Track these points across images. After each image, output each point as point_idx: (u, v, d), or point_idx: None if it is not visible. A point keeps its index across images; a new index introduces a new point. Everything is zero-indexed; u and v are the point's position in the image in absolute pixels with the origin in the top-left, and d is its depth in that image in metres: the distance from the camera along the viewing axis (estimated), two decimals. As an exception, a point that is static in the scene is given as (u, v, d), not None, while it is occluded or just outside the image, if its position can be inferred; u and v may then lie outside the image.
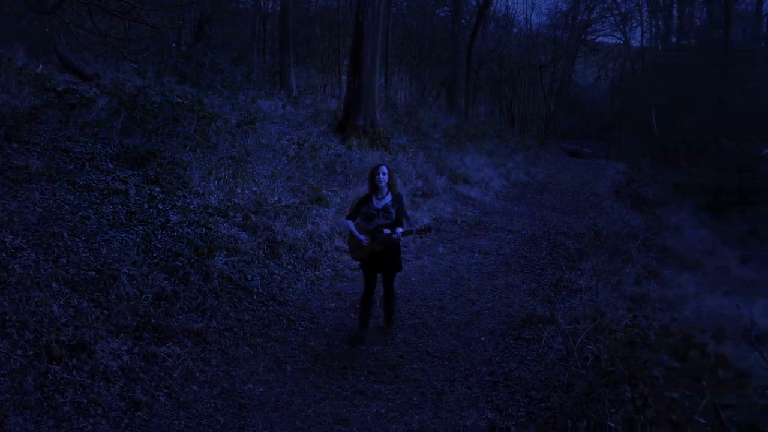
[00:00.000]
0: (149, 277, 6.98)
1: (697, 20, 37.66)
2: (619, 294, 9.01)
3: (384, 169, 7.33)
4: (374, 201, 7.34)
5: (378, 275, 7.58)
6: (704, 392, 5.95)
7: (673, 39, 38.84)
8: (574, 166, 26.40)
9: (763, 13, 35.64)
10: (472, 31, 28.11)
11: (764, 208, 20.12)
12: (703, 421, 5.59)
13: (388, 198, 7.33)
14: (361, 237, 7.28)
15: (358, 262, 7.65)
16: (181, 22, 17.81)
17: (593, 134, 46.60)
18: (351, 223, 7.44)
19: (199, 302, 7.15)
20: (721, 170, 20.54)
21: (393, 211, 7.27)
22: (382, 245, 7.27)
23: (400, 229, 7.23)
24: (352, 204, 8.19)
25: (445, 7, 35.77)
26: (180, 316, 6.80)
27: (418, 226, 7.67)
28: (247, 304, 7.73)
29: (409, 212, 7.98)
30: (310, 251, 9.58)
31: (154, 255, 7.47)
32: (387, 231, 7.21)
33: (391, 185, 7.38)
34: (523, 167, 21.21)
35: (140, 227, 7.88)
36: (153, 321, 6.51)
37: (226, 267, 7.94)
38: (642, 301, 9.23)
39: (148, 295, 6.75)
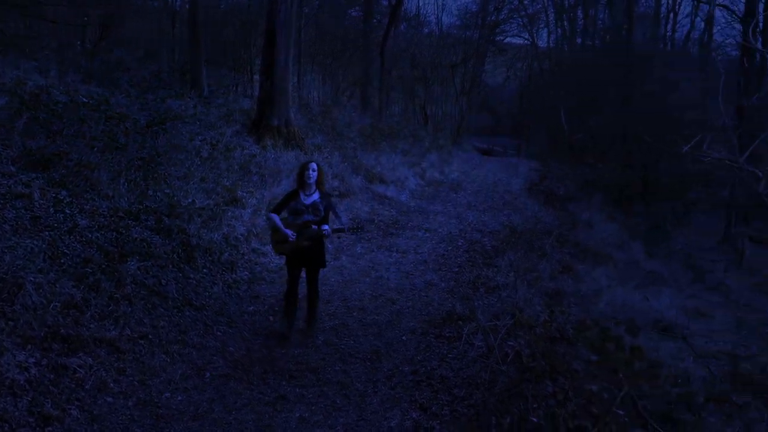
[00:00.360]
0: (57, 285, 6.64)
1: (600, 22, 38.96)
2: (536, 290, 9.16)
3: (314, 165, 7.39)
4: (302, 196, 7.36)
5: (302, 273, 7.58)
6: (622, 384, 6.10)
7: (578, 40, 40.07)
8: (487, 164, 26.82)
9: (661, 15, 37.21)
10: (384, 31, 28.17)
11: (666, 204, 21.00)
12: (621, 412, 5.73)
13: (316, 195, 7.37)
14: (288, 232, 7.24)
15: (277, 264, 7.55)
16: (86, 18, 17.16)
17: (503, 132, 47.63)
18: (276, 217, 7.38)
19: (111, 310, 6.86)
20: (627, 168, 21.31)
21: (322, 208, 7.32)
22: (308, 241, 7.26)
23: (326, 226, 7.27)
24: (270, 202, 8.09)
25: (357, 7, 35.77)
26: (91, 325, 6.50)
27: (348, 225, 7.76)
28: (162, 310, 7.47)
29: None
30: (227, 254, 9.37)
31: (62, 261, 7.13)
32: (315, 227, 7.23)
33: (320, 183, 7.43)
34: (438, 166, 21.38)
35: (46, 233, 7.50)
36: (62, 331, 6.20)
37: (139, 272, 7.66)
38: (558, 296, 9.43)
39: (57, 303, 6.41)
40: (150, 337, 6.88)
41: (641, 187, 20.60)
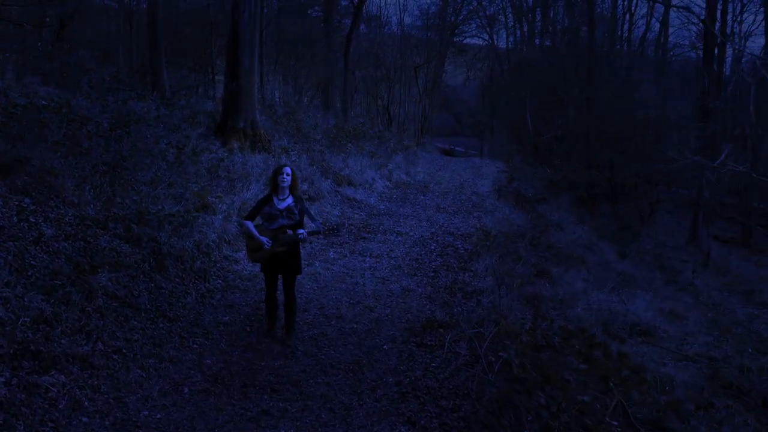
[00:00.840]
0: (25, 299, 6.32)
1: (559, 24, 39.27)
2: (515, 295, 9.06)
3: (288, 170, 7.26)
4: (276, 201, 7.24)
5: (278, 279, 7.48)
6: (612, 393, 6.02)
7: (537, 41, 40.37)
8: (451, 165, 26.69)
9: (618, 16, 37.63)
10: (348, 31, 27.97)
11: (631, 204, 21.20)
12: (614, 423, 5.64)
13: (290, 199, 7.26)
14: (263, 239, 7.12)
15: (251, 271, 7.43)
16: (47, 19, 16.63)
17: (464, 133, 47.79)
18: (250, 224, 7.26)
19: (83, 324, 6.55)
20: (592, 168, 21.47)
21: (296, 212, 7.21)
22: (284, 246, 7.12)
23: (302, 230, 7.15)
24: (240, 207, 7.94)
25: (316, 7, 35.51)
26: (63, 341, 6.20)
27: (324, 227, 7.66)
28: (135, 322, 7.18)
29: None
30: (199, 262, 9.08)
31: (30, 274, 6.80)
32: (290, 232, 7.09)
33: (293, 187, 7.31)
34: (404, 167, 21.24)
35: (11, 243, 7.16)
36: (32, 347, 5.88)
37: (110, 283, 7.35)
38: (536, 300, 9.34)
39: (26, 319, 6.09)
40: (124, 351, 6.60)
41: (608, 187, 20.76)
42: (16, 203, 8.04)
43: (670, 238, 21.63)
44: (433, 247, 12.23)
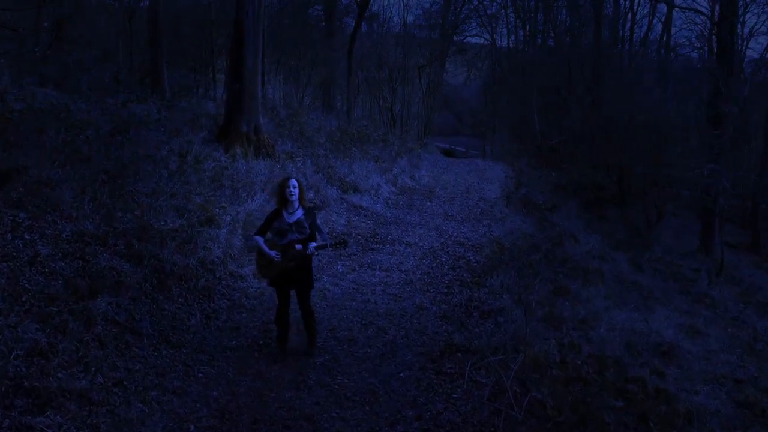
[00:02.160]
0: (19, 329, 5.87)
1: (561, 24, 38.80)
2: (537, 316, 8.62)
3: (294, 182, 7.02)
4: (285, 215, 6.97)
5: (291, 294, 7.20)
6: (653, 435, 5.60)
7: (539, 40, 39.94)
8: (455, 167, 26.16)
9: (619, 16, 37.19)
10: (353, 30, 27.54)
11: (639, 207, 20.81)
12: (659, 470, 5.23)
13: (300, 212, 7.00)
14: (272, 253, 6.87)
15: (257, 288, 7.13)
16: (45, 24, 16.17)
17: (464, 132, 47.34)
18: (260, 239, 7.02)
19: (81, 355, 6.11)
20: (599, 171, 21.08)
21: (307, 225, 6.94)
22: (293, 261, 6.85)
23: (313, 244, 6.88)
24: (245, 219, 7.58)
25: (317, 7, 35.01)
26: (59, 374, 5.74)
27: (331, 240, 7.32)
28: (136, 350, 6.75)
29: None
30: (203, 280, 8.63)
31: (24, 300, 6.36)
32: (299, 246, 6.82)
33: (301, 199, 7.06)
34: (408, 171, 20.75)
35: (4, 264, 6.73)
36: (26, 383, 5.44)
37: (110, 308, 6.90)
38: (556, 321, 8.90)
39: (19, 351, 5.65)
40: (125, 383, 6.14)
41: (616, 191, 20.38)
42: (11, 218, 7.62)
43: (677, 242, 21.18)
44: (444, 259, 11.79)
